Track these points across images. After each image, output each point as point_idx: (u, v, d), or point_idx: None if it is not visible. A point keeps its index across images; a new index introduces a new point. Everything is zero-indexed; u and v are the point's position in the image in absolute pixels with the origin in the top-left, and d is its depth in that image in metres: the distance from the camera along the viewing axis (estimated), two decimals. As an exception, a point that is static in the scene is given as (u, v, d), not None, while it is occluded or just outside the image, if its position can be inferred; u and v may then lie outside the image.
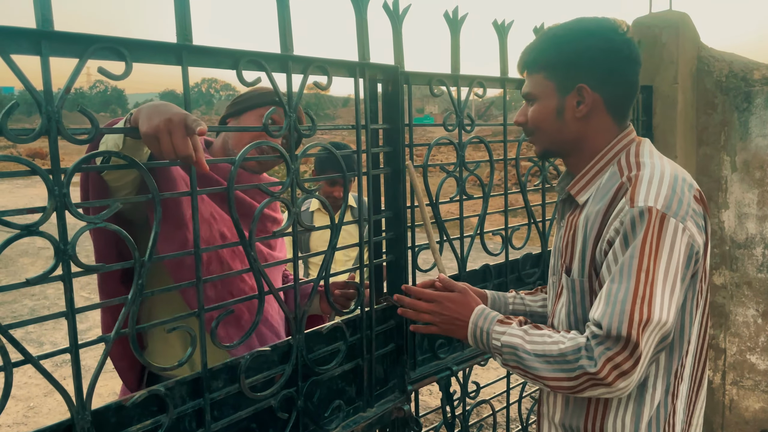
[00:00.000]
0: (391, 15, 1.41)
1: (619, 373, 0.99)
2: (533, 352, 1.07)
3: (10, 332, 0.87)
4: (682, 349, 1.11)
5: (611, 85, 1.13)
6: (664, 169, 1.07)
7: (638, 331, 0.98)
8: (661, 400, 1.10)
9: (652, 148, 1.16)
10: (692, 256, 1.03)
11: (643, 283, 0.99)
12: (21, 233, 0.87)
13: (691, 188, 1.07)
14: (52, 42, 0.87)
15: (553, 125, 1.17)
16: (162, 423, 1.05)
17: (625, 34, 1.13)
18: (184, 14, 1.01)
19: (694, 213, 1.04)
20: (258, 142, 1.15)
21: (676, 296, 1.01)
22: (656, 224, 1.00)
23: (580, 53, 1.12)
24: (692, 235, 1.02)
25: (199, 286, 1.09)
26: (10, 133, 0.84)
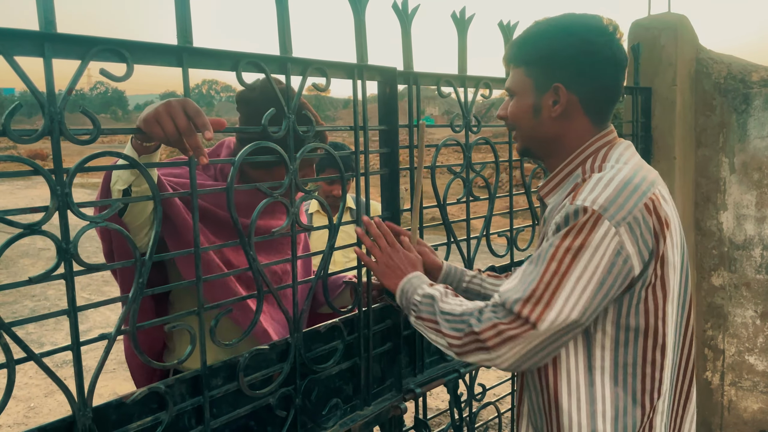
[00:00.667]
0: (400, 15, 1.43)
1: (500, 340, 1.02)
2: (441, 310, 1.12)
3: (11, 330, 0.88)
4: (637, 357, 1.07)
5: (588, 87, 1.11)
6: (617, 174, 1.04)
7: (532, 312, 1.00)
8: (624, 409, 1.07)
9: (624, 151, 1.13)
10: (617, 262, 1.00)
11: (552, 273, 1.00)
12: (24, 232, 0.88)
13: (644, 196, 1.02)
14: (55, 44, 0.89)
15: (530, 123, 1.16)
16: (162, 420, 1.07)
17: (609, 36, 1.10)
18: (185, 16, 1.02)
19: (635, 221, 1.00)
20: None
21: (588, 295, 1.00)
22: (588, 223, 0.99)
23: (557, 51, 1.10)
24: (622, 242, 0.99)
25: (199, 285, 1.10)
26: (14, 134, 0.86)
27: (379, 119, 1.45)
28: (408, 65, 1.48)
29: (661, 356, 1.08)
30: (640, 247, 1.01)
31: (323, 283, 1.33)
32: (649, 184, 1.06)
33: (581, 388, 1.08)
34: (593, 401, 1.07)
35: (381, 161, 1.47)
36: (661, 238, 1.03)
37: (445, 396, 3.99)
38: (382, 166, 1.47)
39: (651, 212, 1.02)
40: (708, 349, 2.98)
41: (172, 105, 0.99)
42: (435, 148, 1.63)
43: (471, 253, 1.71)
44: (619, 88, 1.15)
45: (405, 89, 1.50)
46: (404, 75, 1.47)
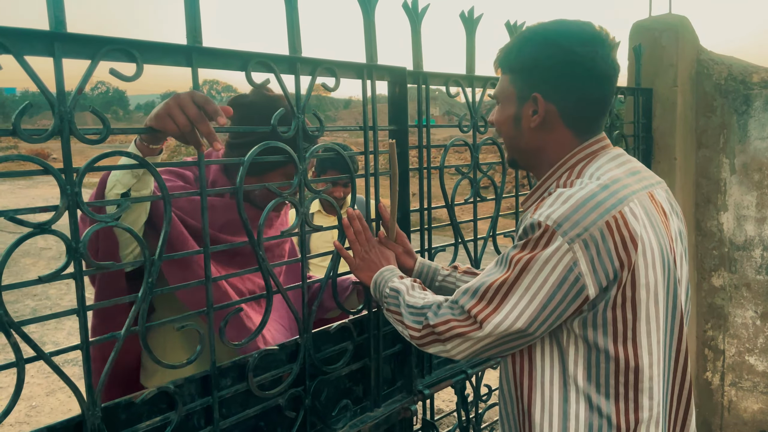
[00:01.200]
0: (410, 14, 1.43)
1: (452, 335, 1.06)
2: (405, 302, 1.17)
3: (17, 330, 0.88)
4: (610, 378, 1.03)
5: (568, 98, 1.07)
6: (580, 191, 1.00)
7: (480, 312, 1.02)
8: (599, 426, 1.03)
9: (606, 164, 1.07)
10: (568, 278, 0.96)
11: (503, 280, 1.01)
12: (34, 231, 0.88)
13: (606, 213, 0.97)
14: (65, 44, 0.89)
15: (511, 132, 1.14)
16: (171, 420, 1.07)
17: (594, 46, 1.05)
18: (195, 16, 1.02)
19: (591, 239, 0.96)
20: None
21: (534, 307, 0.99)
22: (542, 238, 0.98)
23: (538, 60, 1.07)
24: (576, 258, 0.96)
25: (208, 285, 1.10)
26: (24, 134, 0.86)
27: (388, 119, 1.45)
28: (417, 65, 1.48)
29: (635, 378, 1.02)
30: (596, 266, 0.97)
31: (332, 283, 1.33)
32: (618, 200, 1.00)
33: (554, 404, 1.05)
34: (566, 418, 1.04)
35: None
36: (626, 258, 0.98)
37: (447, 397, 4.00)
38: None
39: (613, 231, 0.97)
40: (708, 350, 2.98)
41: (181, 97, 1.00)
42: (443, 148, 1.63)
43: (478, 253, 1.71)
44: (604, 100, 1.09)
45: (410, 89, 1.50)
46: (413, 75, 1.47)
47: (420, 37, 1.46)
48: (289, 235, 1.23)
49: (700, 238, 2.93)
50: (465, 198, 1.70)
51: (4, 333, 0.85)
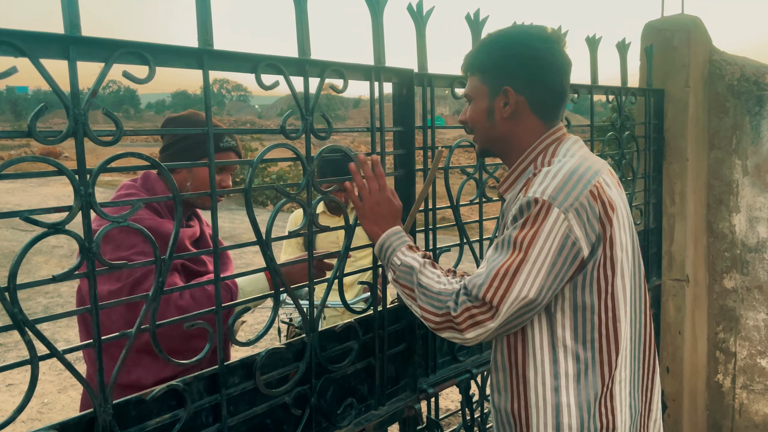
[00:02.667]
0: (415, 17, 1.44)
1: (471, 323, 1.12)
2: (419, 282, 1.20)
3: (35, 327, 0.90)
4: (593, 332, 1.16)
5: (534, 89, 1.22)
6: (563, 166, 1.15)
7: (494, 296, 1.09)
8: (586, 381, 1.17)
9: (572, 146, 1.23)
10: (566, 244, 1.10)
11: (512, 258, 1.10)
12: (48, 231, 0.90)
13: (588, 184, 1.13)
14: (80, 47, 0.90)
15: (485, 124, 1.26)
16: (180, 417, 1.08)
17: (551, 43, 1.21)
18: (206, 19, 1.04)
19: (581, 207, 1.11)
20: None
21: (541, 276, 1.10)
22: (541, 211, 1.10)
23: (507, 59, 1.22)
24: (570, 226, 1.10)
25: (217, 284, 1.11)
26: (39, 135, 0.87)
27: (394, 120, 1.46)
28: (422, 67, 1.49)
29: (614, 328, 1.18)
30: (587, 230, 1.12)
31: (339, 283, 1.34)
32: (593, 173, 1.16)
33: (546, 365, 1.18)
34: (557, 376, 1.17)
35: (396, 162, 1.48)
36: (607, 221, 1.14)
37: (453, 396, 4.00)
38: (397, 167, 1.48)
39: (596, 198, 1.13)
40: (719, 352, 2.96)
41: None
42: (448, 149, 1.64)
43: (483, 254, 1.72)
44: (564, 90, 1.25)
45: (416, 90, 1.51)
46: (419, 76, 1.48)
47: (425, 40, 1.47)
48: (297, 236, 1.24)
49: (712, 240, 2.92)
50: (470, 198, 1.71)
51: (18, 331, 0.87)
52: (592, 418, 1.17)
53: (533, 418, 1.19)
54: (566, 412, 1.16)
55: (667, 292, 2.82)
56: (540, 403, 1.18)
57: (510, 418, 1.23)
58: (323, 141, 1.28)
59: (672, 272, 2.80)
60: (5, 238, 9.60)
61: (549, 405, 1.17)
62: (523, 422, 1.21)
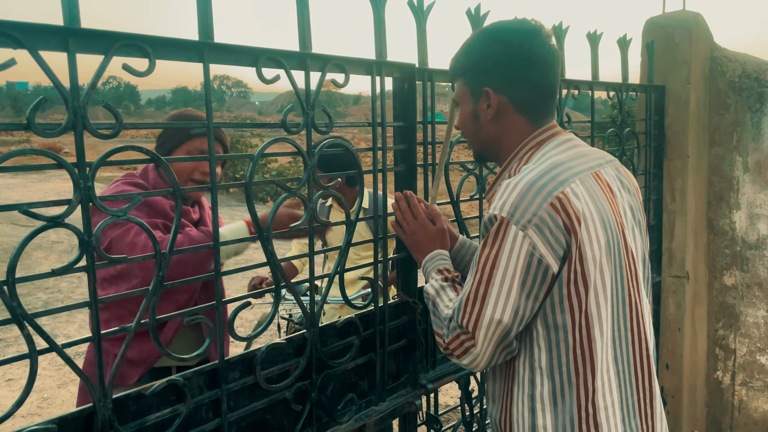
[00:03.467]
0: (416, 11, 1.43)
1: (463, 350, 1.10)
2: (435, 306, 1.20)
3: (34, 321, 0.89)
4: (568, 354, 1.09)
5: (514, 87, 1.16)
6: (523, 178, 1.08)
7: (468, 322, 1.08)
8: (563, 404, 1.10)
9: (552, 149, 1.16)
10: (532, 262, 1.04)
11: (477, 283, 1.08)
12: (47, 225, 0.89)
13: (548, 196, 1.04)
14: (79, 39, 0.90)
15: (472, 128, 1.23)
16: (180, 412, 1.08)
17: (528, 37, 1.14)
18: (206, 13, 1.03)
19: (541, 221, 1.03)
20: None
21: (512, 299, 1.06)
22: (500, 230, 1.06)
23: (482, 59, 1.17)
24: (533, 243, 1.03)
25: (217, 280, 1.11)
26: (38, 128, 0.87)
27: (395, 116, 1.45)
28: (423, 62, 1.49)
29: (589, 349, 1.09)
30: (552, 245, 1.04)
31: (340, 278, 1.34)
32: (558, 183, 1.07)
33: (525, 385, 1.14)
34: (533, 398, 1.13)
35: (396, 157, 1.48)
36: (572, 234, 1.05)
37: (453, 392, 4.00)
38: (398, 162, 1.47)
39: (558, 211, 1.04)
40: (719, 349, 2.96)
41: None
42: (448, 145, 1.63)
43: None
44: (549, 84, 1.17)
45: (417, 86, 1.50)
46: (419, 72, 1.48)
47: (425, 35, 1.46)
48: (298, 230, 1.24)
49: (712, 237, 2.91)
50: (470, 194, 1.71)
51: (17, 325, 0.87)
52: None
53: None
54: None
55: (667, 289, 2.82)
56: (520, 421, 1.14)
57: (498, 428, 1.21)
58: (324, 136, 1.28)
59: (672, 269, 2.80)
60: (5, 234, 9.60)
61: (526, 424, 1.13)
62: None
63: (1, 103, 77.98)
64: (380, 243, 1.41)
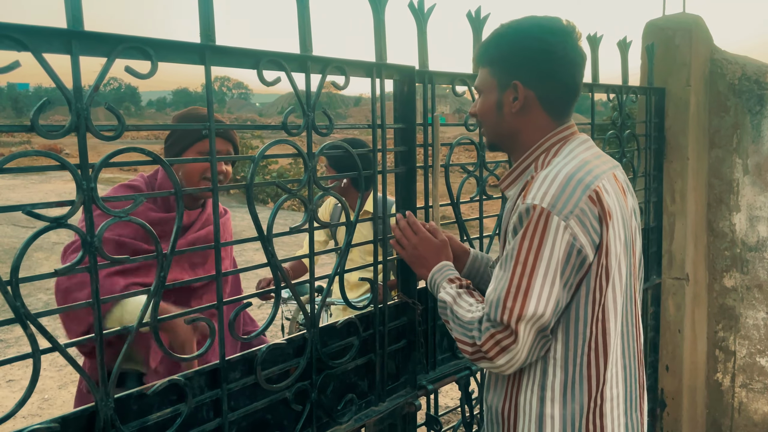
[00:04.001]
0: (416, 14, 1.44)
1: (499, 349, 1.09)
2: (455, 313, 1.18)
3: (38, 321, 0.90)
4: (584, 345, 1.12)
5: (544, 84, 1.18)
6: (563, 169, 1.11)
7: (510, 317, 1.07)
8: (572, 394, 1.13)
9: (577, 147, 1.19)
10: (572, 253, 1.07)
11: (519, 275, 1.07)
12: (50, 225, 0.90)
13: (587, 189, 1.09)
14: (82, 41, 0.91)
15: (494, 118, 1.24)
16: (181, 411, 1.09)
17: (563, 36, 1.17)
18: (208, 15, 1.04)
19: (582, 213, 1.07)
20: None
21: (555, 291, 1.07)
22: (540, 220, 1.06)
23: (516, 52, 1.18)
24: (574, 233, 1.06)
25: (218, 279, 1.12)
26: (42, 129, 0.88)
27: (395, 117, 1.46)
28: (423, 64, 1.49)
29: (603, 342, 1.13)
30: (591, 236, 1.08)
31: (339, 280, 1.35)
32: (593, 177, 1.12)
33: (536, 374, 1.16)
34: (543, 387, 1.15)
35: (397, 159, 1.48)
36: (603, 227, 1.09)
37: (453, 393, 4.00)
38: (398, 164, 1.48)
39: (595, 203, 1.09)
40: (719, 351, 2.97)
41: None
42: (449, 146, 1.64)
43: (484, 251, 1.72)
44: (576, 85, 1.21)
45: (418, 87, 1.51)
46: (420, 74, 1.48)
47: (426, 37, 1.47)
48: (298, 231, 1.24)
49: (712, 239, 2.92)
50: (471, 196, 1.71)
51: (21, 324, 0.88)
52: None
53: (520, 422, 1.17)
54: (549, 423, 1.14)
55: (667, 291, 2.82)
56: (527, 409, 1.16)
57: (499, 418, 1.22)
58: (325, 137, 1.29)
59: (672, 271, 2.81)
60: (5, 235, 9.61)
61: (534, 413, 1.15)
62: (511, 424, 1.19)
63: (1, 104, 78.11)
64: (380, 245, 1.41)
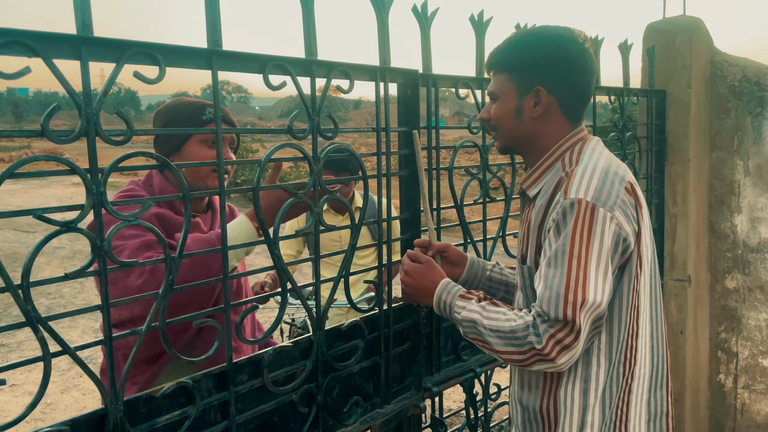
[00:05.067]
0: (420, 18, 1.45)
1: (561, 348, 1.10)
2: (489, 327, 1.17)
3: (48, 324, 0.91)
4: (624, 331, 1.17)
5: (565, 89, 1.23)
6: (597, 164, 1.17)
7: (574, 311, 1.08)
8: (610, 379, 1.18)
9: (596, 146, 1.25)
10: (619, 242, 1.12)
11: (575, 269, 1.09)
12: (61, 230, 0.91)
13: (623, 181, 1.15)
14: (92, 47, 0.92)
15: (512, 123, 1.27)
16: (189, 414, 1.09)
17: (581, 45, 1.23)
18: (215, 20, 1.05)
19: (623, 203, 1.13)
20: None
21: (609, 279, 1.11)
22: (586, 214, 1.10)
23: (539, 59, 1.22)
24: (620, 223, 1.11)
25: (225, 282, 1.12)
26: (52, 134, 0.89)
27: (399, 121, 1.47)
28: (427, 67, 1.51)
29: (636, 324, 1.19)
30: (633, 224, 1.14)
31: (345, 282, 1.35)
32: (624, 170, 1.19)
33: (578, 367, 1.18)
34: (587, 379, 1.18)
35: (401, 162, 1.49)
36: (640, 216, 1.16)
37: (457, 396, 4.01)
38: (402, 167, 1.49)
39: (631, 193, 1.16)
40: (721, 352, 2.97)
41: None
42: (453, 149, 1.65)
43: (487, 253, 1.73)
44: (590, 91, 1.28)
45: (421, 91, 1.52)
46: (423, 77, 1.49)
47: (429, 41, 1.48)
48: (303, 235, 1.25)
49: (714, 240, 2.93)
50: (474, 199, 1.72)
51: (32, 328, 0.89)
52: (611, 413, 1.19)
53: (561, 417, 1.20)
54: (591, 411, 1.18)
55: (669, 292, 2.83)
56: (568, 403, 1.19)
57: (538, 416, 1.24)
58: (329, 141, 1.30)
59: (674, 272, 2.81)
60: (7, 239, 9.62)
61: (576, 405, 1.18)
62: (552, 420, 1.21)
63: (1, 109, 78.20)
64: (383, 246, 1.42)
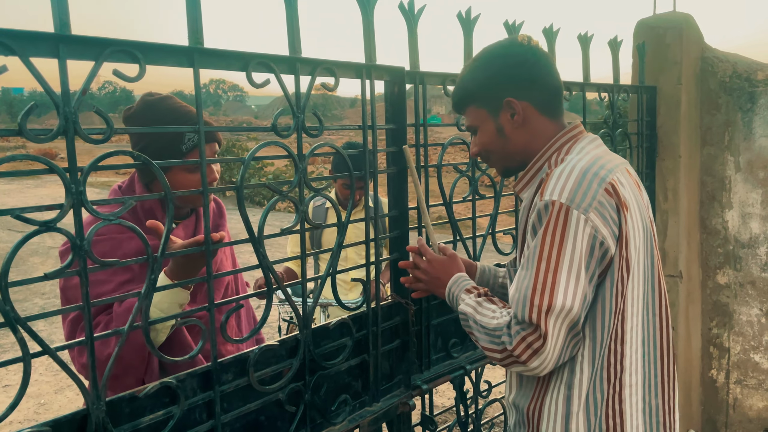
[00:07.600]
0: (406, 15, 1.44)
1: (531, 352, 1.09)
2: (479, 322, 1.18)
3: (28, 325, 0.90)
4: (606, 337, 1.14)
5: (533, 89, 1.22)
6: (576, 165, 1.13)
7: (539, 315, 1.07)
8: (594, 385, 1.16)
9: (587, 144, 1.22)
10: (595, 245, 1.08)
11: (544, 272, 1.08)
12: (39, 229, 0.90)
13: (603, 182, 1.11)
14: (70, 45, 0.91)
15: (500, 143, 1.26)
16: (173, 414, 1.09)
17: (527, 46, 1.22)
18: (196, 17, 1.04)
19: (600, 205, 1.09)
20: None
21: (581, 284, 1.08)
22: (560, 216, 1.08)
23: (495, 75, 1.23)
24: (595, 226, 1.08)
25: (210, 282, 1.12)
26: (30, 133, 0.88)
27: (386, 118, 1.47)
28: (414, 65, 1.50)
29: (621, 330, 1.15)
30: (611, 227, 1.09)
31: (332, 280, 1.35)
32: (607, 171, 1.14)
33: (563, 373, 1.17)
34: (570, 386, 1.16)
35: (388, 160, 1.49)
36: (622, 218, 1.11)
37: (449, 393, 4.01)
38: (390, 164, 1.48)
39: (612, 195, 1.11)
40: (713, 347, 2.98)
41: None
42: (441, 146, 1.65)
43: (477, 250, 1.73)
44: (558, 82, 1.25)
45: (411, 88, 1.52)
46: (411, 74, 1.49)
47: (416, 38, 1.47)
48: (290, 233, 1.25)
49: (705, 236, 2.93)
50: (464, 196, 1.72)
51: (11, 328, 0.88)
52: (597, 422, 1.15)
53: (544, 422, 1.19)
54: (574, 419, 1.16)
55: (661, 288, 2.84)
56: (552, 409, 1.18)
57: (524, 418, 1.23)
58: (315, 139, 1.29)
59: (665, 268, 2.82)
60: (1, 240, 9.58)
61: (560, 412, 1.17)
62: (535, 424, 1.21)
63: (-4, 109, 77.89)
64: (372, 244, 1.42)
